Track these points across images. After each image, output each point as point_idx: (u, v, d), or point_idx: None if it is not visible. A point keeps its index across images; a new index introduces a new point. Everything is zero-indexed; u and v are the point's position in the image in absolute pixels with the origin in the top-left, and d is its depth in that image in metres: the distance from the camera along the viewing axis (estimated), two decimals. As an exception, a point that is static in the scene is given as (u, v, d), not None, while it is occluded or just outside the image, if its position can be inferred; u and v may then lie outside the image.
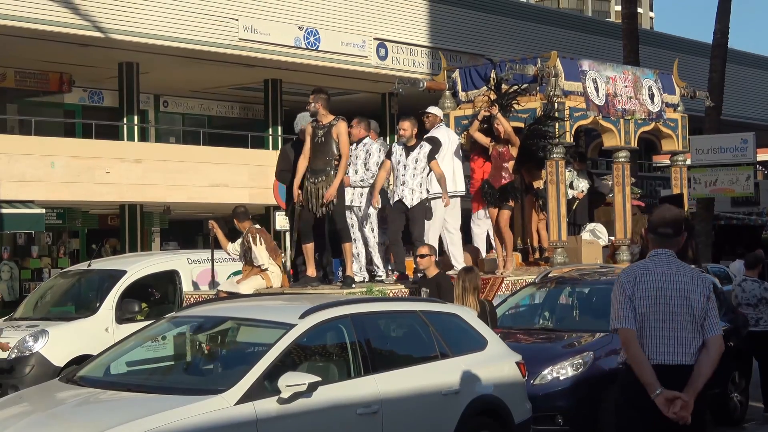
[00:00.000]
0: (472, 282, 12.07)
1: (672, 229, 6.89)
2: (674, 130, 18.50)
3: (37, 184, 27.83)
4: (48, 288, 18.38)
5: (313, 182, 13.43)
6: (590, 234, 17.32)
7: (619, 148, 17.43)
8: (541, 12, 49.59)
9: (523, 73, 16.31)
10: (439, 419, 9.53)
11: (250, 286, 13.21)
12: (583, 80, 16.66)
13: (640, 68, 18.93)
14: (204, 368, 9.61)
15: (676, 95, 18.66)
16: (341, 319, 9.36)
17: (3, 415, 8.45)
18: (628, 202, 17.64)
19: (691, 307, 6.69)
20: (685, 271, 6.86)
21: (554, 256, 16.07)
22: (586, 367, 11.87)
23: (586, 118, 16.67)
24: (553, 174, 16.14)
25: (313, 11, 33.70)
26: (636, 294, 6.69)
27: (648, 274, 6.76)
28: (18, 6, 27.59)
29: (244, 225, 13.87)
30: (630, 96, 17.56)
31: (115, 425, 7.64)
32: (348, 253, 13.69)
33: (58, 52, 31.04)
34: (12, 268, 31.00)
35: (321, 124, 13.51)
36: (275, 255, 13.84)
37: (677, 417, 6.47)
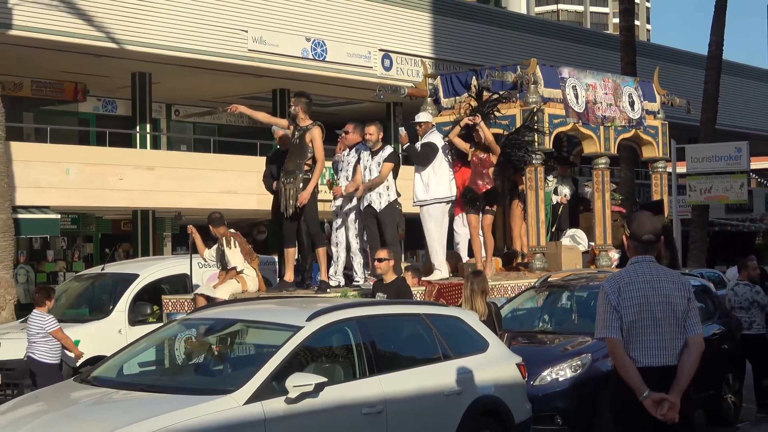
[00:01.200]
0: (480, 285, 12.02)
1: (653, 236, 6.95)
2: (654, 137, 18.29)
3: (52, 190, 27.87)
4: (63, 291, 18.39)
5: (284, 182, 13.39)
6: (570, 240, 17.11)
7: (599, 155, 17.15)
8: (540, 24, 49.64)
9: (503, 80, 16.08)
10: (442, 419, 9.54)
11: (226, 290, 13.08)
12: (563, 87, 16.41)
13: (620, 76, 18.66)
14: (214, 369, 9.62)
15: (656, 103, 18.43)
16: (347, 322, 9.37)
17: (20, 414, 8.47)
18: (607, 208, 17.36)
19: (674, 311, 6.75)
20: (666, 275, 6.91)
21: (533, 261, 15.88)
22: (584, 368, 11.87)
23: (565, 125, 16.44)
24: (532, 180, 15.92)
25: (320, 23, 33.75)
26: (621, 304, 6.75)
27: (632, 283, 6.81)
28: (34, 17, 27.64)
29: (219, 230, 13.72)
30: (610, 103, 17.31)
31: (128, 424, 7.65)
32: (321, 257, 13.52)
33: (73, 63, 31.08)
34: (28, 272, 31.04)
35: (298, 126, 13.45)
36: (250, 258, 13.69)
37: (665, 418, 6.54)
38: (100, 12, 28.83)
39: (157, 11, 29.96)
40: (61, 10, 28.14)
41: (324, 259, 13.54)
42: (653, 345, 6.70)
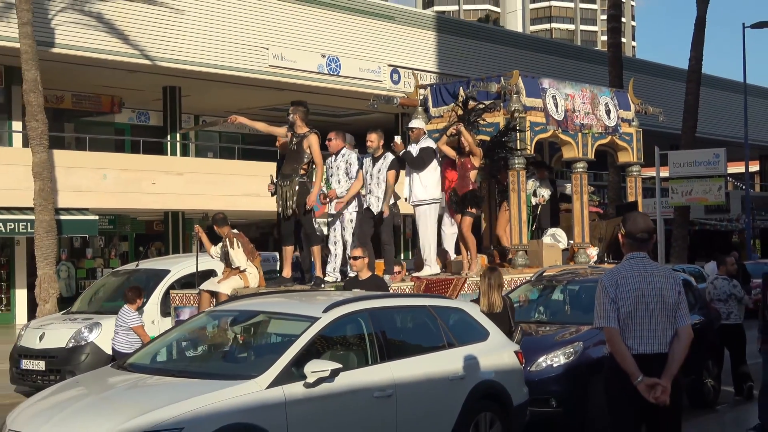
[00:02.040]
0: (497, 280, 11.96)
1: (647, 234, 6.96)
2: (629, 143, 18.10)
3: (91, 194, 27.95)
4: (101, 285, 18.45)
5: (281, 185, 13.14)
6: (551, 238, 16.88)
7: (577, 160, 16.97)
8: (535, 41, 49.65)
9: (487, 90, 15.89)
10: (447, 401, 9.53)
11: (229, 286, 12.94)
12: (543, 97, 16.23)
13: (597, 86, 18.38)
14: (239, 356, 9.62)
15: (631, 111, 18.18)
16: (360, 313, 9.37)
17: (62, 398, 8.49)
18: (585, 209, 17.18)
19: (666, 303, 6.75)
20: (659, 270, 6.91)
21: (516, 258, 15.68)
22: (576, 355, 11.86)
23: (546, 132, 16.24)
24: (514, 183, 15.74)
25: (335, 41, 33.83)
26: (619, 296, 6.74)
27: (628, 277, 6.79)
28: (75, 36, 27.74)
29: (223, 230, 13.59)
30: (588, 112, 17.10)
31: (161, 406, 7.66)
32: (317, 255, 13.33)
33: (109, 77, 31.18)
34: (69, 268, 31.14)
35: (296, 133, 13.21)
36: (252, 257, 13.50)
37: (657, 400, 6.55)
38: (135, 31, 28.92)
39: (186, 30, 30.05)
40: (99, 30, 28.23)
41: (318, 257, 13.33)
42: (647, 334, 6.71)
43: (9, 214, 26.30)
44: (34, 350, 15.75)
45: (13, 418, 8.14)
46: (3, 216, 26.22)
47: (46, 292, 21.90)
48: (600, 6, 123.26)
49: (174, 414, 7.54)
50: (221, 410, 7.70)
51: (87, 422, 7.64)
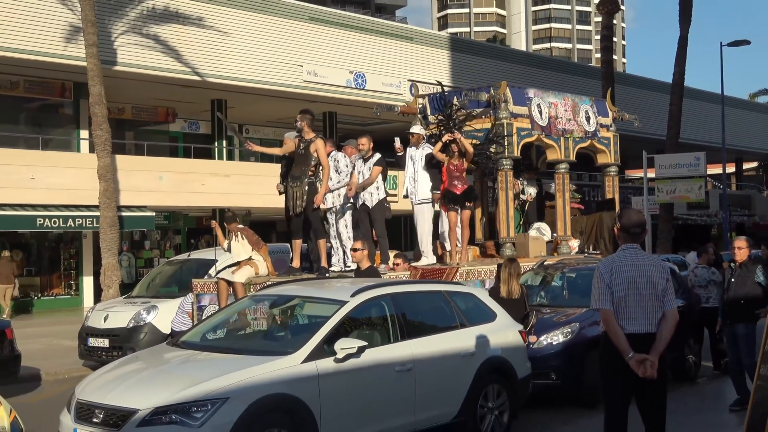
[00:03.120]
0: (516, 269, 11.95)
1: (640, 228, 6.94)
2: (607, 146, 17.91)
3: (148, 194, 28.09)
4: (157, 273, 18.53)
5: (292, 186, 12.91)
6: (536, 231, 16.67)
7: (560, 161, 16.82)
8: (537, 59, 49.59)
9: (478, 99, 15.75)
10: (459, 375, 9.52)
11: (242, 275, 12.64)
12: (529, 105, 16.07)
13: (578, 95, 18.12)
14: (277, 335, 9.63)
15: (609, 118, 17.99)
16: (383, 297, 9.36)
17: (124, 371, 8.53)
18: (567, 205, 17.01)
19: (655, 289, 6.71)
20: (649, 260, 6.87)
21: (504, 249, 15.50)
22: (573, 334, 11.83)
23: (531, 136, 16.06)
24: (502, 182, 15.60)
25: (361, 59, 33.88)
26: (613, 281, 6.71)
27: (622, 265, 6.76)
28: (135, 56, 27.88)
29: (230, 227, 13.32)
30: (569, 118, 16.94)
31: (209, 378, 7.69)
32: (322, 247, 13.09)
33: (164, 91, 31.32)
34: (130, 258, 31.28)
35: (304, 138, 12.98)
36: (258, 247, 13.10)
37: (646, 374, 6.53)
38: (187, 51, 29.04)
39: (231, 50, 30.15)
40: (155, 50, 28.37)
41: (323, 249, 13.13)
42: (638, 315, 6.68)
43: (77, 211, 26.48)
44: (100, 330, 15.84)
45: (81, 388, 8.19)
46: (72, 212, 26.41)
47: (110, 279, 22.03)
48: (594, 28, 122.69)
49: (221, 385, 7.56)
50: (262, 382, 7.72)
51: (145, 392, 7.67)
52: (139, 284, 18.59)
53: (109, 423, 7.51)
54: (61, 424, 8.01)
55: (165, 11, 28.79)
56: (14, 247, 28.83)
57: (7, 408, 6.23)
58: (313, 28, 33.00)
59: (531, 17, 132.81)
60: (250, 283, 12.43)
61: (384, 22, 39.78)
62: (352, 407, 8.37)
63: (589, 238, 17.30)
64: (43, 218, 25.91)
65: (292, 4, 34.62)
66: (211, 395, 7.45)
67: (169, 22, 28.79)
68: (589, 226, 17.51)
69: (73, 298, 29.66)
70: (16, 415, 6.37)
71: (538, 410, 11.27)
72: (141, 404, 7.46)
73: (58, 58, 26.51)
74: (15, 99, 29.67)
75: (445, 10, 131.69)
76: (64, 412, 8.10)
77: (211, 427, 7.30)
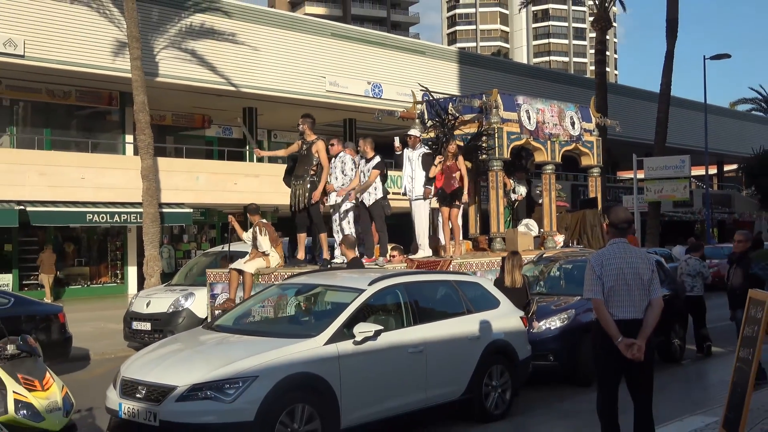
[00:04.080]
0: (519, 262, 11.94)
1: (627, 224, 6.94)
2: (591, 149, 17.65)
3: (186, 192, 28.18)
4: (194, 264, 18.53)
5: (295, 184, 12.80)
6: (525, 227, 16.48)
7: (546, 163, 16.64)
8: (537, 71, 49.39)
9: (471, 105, 15.58)
10: (466, 356, 9.50)
11: (253, 266, 12.49)
12: (518, 111, 15.88)
13: (564, 102, 17.92)
14: (302, 320, 9.64)
15: (592, 123, 17.74)
16: (397, 286, 9.34)
17: (164, 351, 8.55)
18: (553, 204, 16.85)
19: (641, 279, 6.70)
20: (636, 253, 6.86)
21: (494, 243, 15.35)
22: (569, 320, 11.81)
23: (520, 140, 15.89)
24: (493, 182, 15.44)
25: (378, 70, 33.87)
26: (604, 273, 6.70)
27: (611, 258, 6.75)
28: (174, 68, 27.95)
29: (254, 219, 13.10)
30: (555, 123, 16.73)
31: (241, 358, 7.70)
32: (323, 241, 12.94)
33: (201, 100, 31.41)
34: (170, 250, 31.41)
35: (306, 140, 12.82)
36: (276, 243, 12.91)
37: (634, 356, 6.54)
38: (221, 64, 29.12)
39: (261, 63, 30.20)
40: (193, 63, 28.44)
41: (325, 242, 12.99)
42: (626, 303, 6.67)
43: (123, 208, 26.58)
44: (142, 314, 15.86)
45: (126, 367, 8.22)
46: (118, 209, 26.51)
47: (152, 268, 22.10)
48: (589, 43, 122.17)
49: (251, 364, 7.57)
50: (288, 362, 7.72)
51: (184, 370, 7.69)
52: (178, 273, 18.61)
53: (151, 398, 7.53)
54: (108, 399, 8.04)
55: (201, 28, 28.85)
56: (66, 240, 29.00)
57: (59, 384, 6.26)
58: (335, 43, 33.01)
59: (532, 33, 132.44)
60: (258, 274, 12.33)
61: (399, 38, 39.76)
62: (370, 385, 8.36)
63: (573, 234, 17.19)
64: (92, 214, 26.04)
65: (316, 21, 34.74)
66: (242, 374, 7.45)
67: (205, 37, 28.85)
68: (573, 222, 17.41)
69: (118, 286, 29.79)
70: (67, 391, 6.40)
71: (537, 388, 11.25)
72: (179, 381, 7.48)
73: (106, 70, 26.61)
74: (68, 107, 29.83)
75: (454, 27, 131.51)
76: (111, 388, 8.12)
77: (243, 403, 7.31)
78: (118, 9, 25.97)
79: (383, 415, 8.53)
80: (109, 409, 8.00)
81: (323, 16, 78.14)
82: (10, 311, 12.73)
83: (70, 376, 12.87)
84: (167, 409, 7.35)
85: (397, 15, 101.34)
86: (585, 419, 8.71)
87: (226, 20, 29.44)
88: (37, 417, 5.94)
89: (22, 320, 12.86)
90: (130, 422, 7.62)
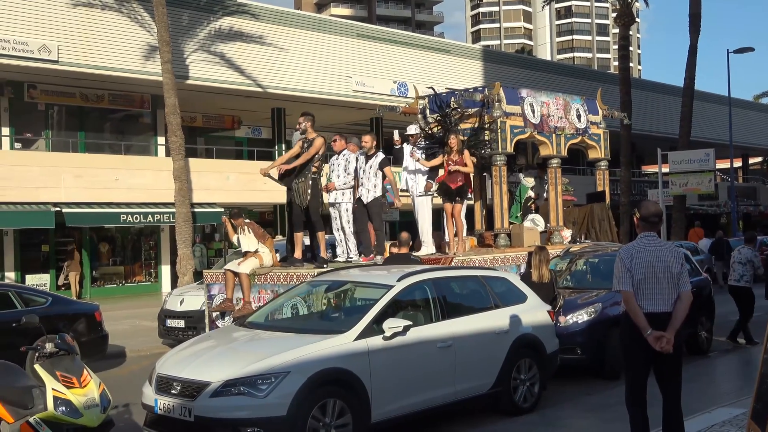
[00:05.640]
0: (545, 256, 11.87)
1: (658, 218, 6.88)
2: (597, 142, 17.18)
3: (217, 192, 28.30)
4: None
5: (296, 182, 12.31)
6: (531, 222, 16.08)
7: (552, 157, 16.16)
8: (561, 67, 49.13)
9: (473, 99, 15.18)
10: (494, 350, 9.47)
11: (247, 266, 12.12)
12: (522, 104, 15.43)
13: (569, 95, 17.33)
14: (332, 316, 9.65)
15: (599, 116, 17.29)
16: (425, 282, 9.33)
17: (198, 348, 8.59)
18: (559, 198, 16.32)
19: (671, 272, 6.63)
20: (665, 246, 6.80)
21: (498, 240, 14.98)
22: (596, 314, 11.74)
23: (524, 134, 15.43)
24: (497, 177, 15.00)
25: (404, 70, 33.81)
26: (633, 266, 6.64)
27: (641, 251, 6.69)
28: (205, 71, 28.07)
29: (237, 222, 12.66)
30: (561, 116, 16.27)
31: (272, 354, 7.72)
32: (321, 239, 12.48)
33: (230, 102, 31.51)
34: (202, 249, 31.56)
35: (307, 138, 12.41)
36: (263, 240, 12.50)
37: (663, 349, 6.48)
38: (250, 66, 29.21)
39: (289, 64, 30.27)
40: (222, 66, 28.55)
41: (323, 241, 12.52)
42: (655, 296, 6.61)
43: (156, 208, 26.77)
44: (176, 312, 15.94)
45: (161, 364, 8.27)
46: (151, 209, 26.70)
47: (185, 267, 22.22)
48: (612, 38, 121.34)
49: (283, 360, 7.59)
50: (319, 357, 7.73)
51: (217, 367, 7.72)
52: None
53: (186, 394, 7.58)
54: (144, 395, 8.11)
55: (230, 31, 28.95)
56: (101, 240, 29.24)
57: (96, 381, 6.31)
58: (361, 44, 33.00)
59: (555, 30, 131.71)
60: (254, 274, 12.05)
61: (424, 37, 39.67)
62: (399, 380, 8.35)
63: (581, 228, 16.90)
64: (126, 214, 26.24)
65: (342, 22, 34.75)
66: (274, 369, 7.47)
67: (233, 40, 28.96)
68: (581, 217, 17.06)
69: (152, 285, 30.00)
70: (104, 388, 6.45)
71: (565, 382, 11.20)
72: (213, 377, 7.51)
73: (138, 74, 26.79)
74: (101, 110, 30.06)
75: (478, 26, 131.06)
76: (146, 384, 8.19)
77: (275, 398, 7.33)
78: (148, 14, 26.13)
79: (413, 409, 8.53)
80: (145, 405, 8.06)
81: (349, 17, 78.16)
82: (48, 310, 12.85)
83: (106, 373, 12.99)
84: (202, 405, 7.39)
85: (421, 15, 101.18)
86: (613, 412, 8.65)
87: (254, 23, 29.52)
88: (76, 413, 5.99)
89: (60, 319, 12.98)
90: (165, 417, 7.68)
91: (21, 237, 26.41)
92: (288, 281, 11.51)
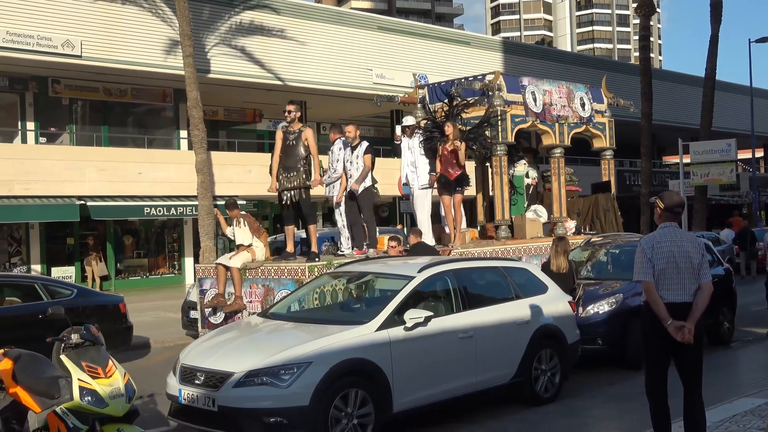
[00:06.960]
0: (564, 247, 11.82)
1: (681, 208, 6.83)
2: (602, 131, 16.85)
3: (239, 185, 28.37)
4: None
5: (286, 177, 11.85)
6: (533, 213, 15.80)
7: (555, 146, 15.88)
8: (582, 58, 48.87)
9: (472, 88, 14.91)
10: (515, 341, 9.46)
11: (238, 260, 11.84)
12: (523, 92, 15.16)
13: (573, 83, 17.04)
14: (353, 307, 9.67)
15: (603, 104, 16.95)
16: (446, 272, 9.33)
17: (221, 339, 8.64)
18: (562, 188, 16.03)
19: (692, 263, 6.59)
20: (686, 237, 6.75)
21: (499, 231, 14.73)
22: (617, 304, 11.70)
23: (525, 123, 15.15)
24: (497, 167, 14.72)
25: (424, 62, 33.72)
26: (654, 256, 6.60)
27: (662, 241, 6.64)
28: (226, 65, 28.14)
29: (233, 213, 12.50)
30: (564, 105, 15.95)
31: (294, 345, 7.77)
32: (312, 232, 12.04)
33: (252, 95, 31.56)
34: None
35: (291, 130, 11.81)
36: (258, 234, 12.30)
37: (683, 339, 6.44)
38: (271, 60, 29.25)
39: (309, 58, 30.28)
40: (243, 59, 28.61)
41: (314, 234, 12.04)
42: (676, 286, 6.57)
43: (178, 201, 26.91)
44: (200, 303, 15.98)
45: (185, 354, 8.33)
46: (174, 202, 26.84)
47: (207, 259, 22.28)
48: (633, 29, 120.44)
49: (305, 351, 7.62)
50: (340, 348, 7.76)
51: (240, 357, 7.77)
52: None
53: (209, 384, 7.62)
54: (168, 386, 8.16)
55: (251, 25, 29.00)
56: (125, 233, 29.42)
57: (121, 371, 6.35)
58: (381, 36, 32.95)
59: (575, 21, 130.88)
60: (245, 268, 11.85)
61: (444, 29, 39.57)
62: (420, 370, 8.36)
63: (586, 219, 16.66)
64: (149, 207, 26.40)
65: (362, 15, 34.70)
66: (296, 360, 7.50)
67: (254, 34, 29.00)
68: (585, 207, 16.80)
69: (176, 276, 30.16)
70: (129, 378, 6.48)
71: (586, 372, 11.17)
72: (236, 368, 7.55)
73: (160, 68, 26.90)
74: (124, 105, 30.20)
75: (498, 17, 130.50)
76: (171, 374, 8.24)
77: (298, 388, 7.36)
78: (170, 8, 26.20)
79: (434, 399, 8.54)
80: (169, 395, 8.12)
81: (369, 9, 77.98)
82: (73, 302, 12.94)
83: (131, 363, 13.09)
84: (225, 395, 7.43)
85: (441, 7, 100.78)
86: (634, 402, 8.62)
87: (274, 16, 29.54)
88: (101, 403, 6.03)
89: (85, 310, 13.08)
90: (189, 407, 7.73)
91: (46, 230, 26.63)
92: (279, 275, 11.37)
